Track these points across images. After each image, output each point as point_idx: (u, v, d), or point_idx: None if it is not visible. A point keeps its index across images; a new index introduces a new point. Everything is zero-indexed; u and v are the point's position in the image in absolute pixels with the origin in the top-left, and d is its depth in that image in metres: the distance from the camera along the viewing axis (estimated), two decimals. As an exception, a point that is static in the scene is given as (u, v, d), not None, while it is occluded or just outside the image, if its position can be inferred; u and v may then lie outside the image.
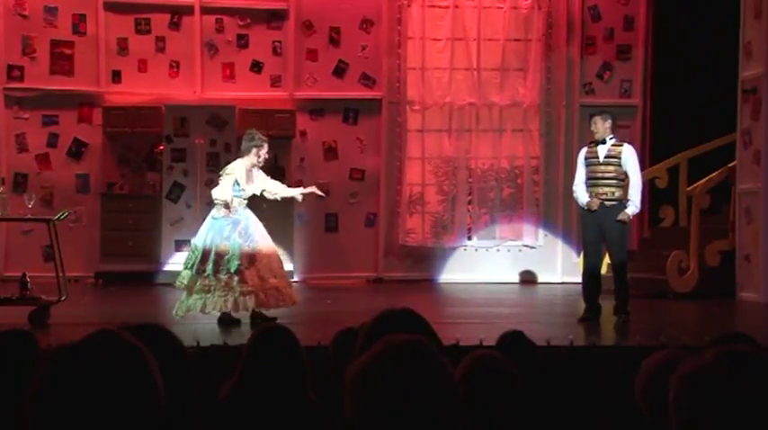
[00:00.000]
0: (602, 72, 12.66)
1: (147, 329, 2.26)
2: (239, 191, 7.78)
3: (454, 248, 12.46)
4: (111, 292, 10.61)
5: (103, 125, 11.82)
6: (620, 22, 12.66)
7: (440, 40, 12.45)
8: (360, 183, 12.38)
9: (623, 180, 8.11)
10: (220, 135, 11.69)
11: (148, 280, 11.28)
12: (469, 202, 12.64)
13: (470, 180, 12.61)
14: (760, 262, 10.02)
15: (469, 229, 12.58)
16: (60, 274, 7.76)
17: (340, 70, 12.36)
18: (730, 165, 10.72)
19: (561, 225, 12.47)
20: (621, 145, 8.18)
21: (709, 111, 11.53)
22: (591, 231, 8.10)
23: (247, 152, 7.87)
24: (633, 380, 2.74)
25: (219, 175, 7.98)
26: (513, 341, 4.00)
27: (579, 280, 11.47)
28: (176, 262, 11.45)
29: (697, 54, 11.99)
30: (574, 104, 12.56)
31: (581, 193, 8.11)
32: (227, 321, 7.58)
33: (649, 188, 12.19)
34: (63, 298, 7.69)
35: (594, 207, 7.97)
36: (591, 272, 8.07)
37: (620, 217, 7.98)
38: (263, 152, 7.84)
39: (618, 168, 8.02)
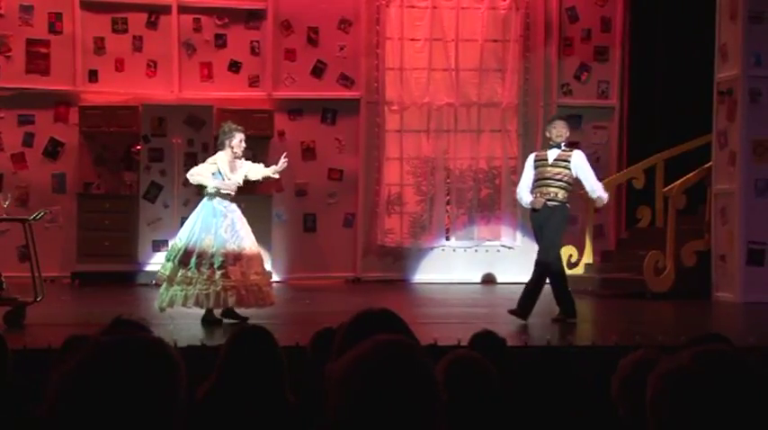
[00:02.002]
0: (580, 73, 12.71)
1: (124, 328, 2.25)
2: (223, 179, 7.76)
3: (432, 249, 12.47)
4: (87, 293, 10.55)
5: (80, 124, 11.75)
6: (597, 24, 12.72)
7: (418, 40, 12.46)
8: (338, 183, 12.38)
9: (570, 184, 8.13)
10: (198, 135, 11.65)
11: (125, 280, 11.23)
12: (448, 203, 12.66)
13: (449, 180, 12.62)
14: (735, 262, 10.10)
15: (447, 230, 12.60)
16: (36, 275, 7.70)
17: (318, 70, 12.34)
18: (706, 166, 10.79)
19: (539, 225, 12.51)
20: (572, 150, 8.24)
21: (685, 112, 11.61)
22: (536, 232, 8.14)
23: (222, 146, 7.89)
24: (609, 380, 2.75)
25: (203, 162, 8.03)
26: (485, 340, 4.01)
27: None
28: (154, 262, 11.41)
29: (673, 55, 12.06)
30: (551, 105, 12.60)
31: (524, 194, 8.15)
32: (210, 321, 7.56)
33: (626, 189, 12.26)
34: (39, 298, 7.64)
35: (538, 205, 7.99)
36: (539, 270, 8.07)
37: (598, 203, 8.21)
38: (236, 141, 7.82)
39: (566, 171, 8.05)
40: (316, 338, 3.71)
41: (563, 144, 8.16)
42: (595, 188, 8.18)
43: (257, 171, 8.05)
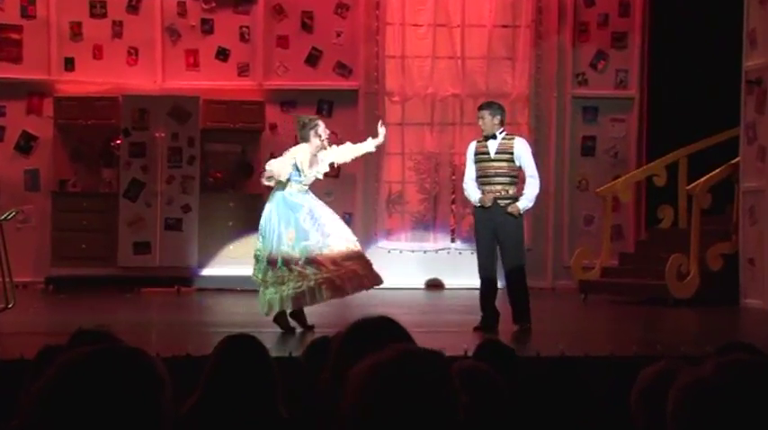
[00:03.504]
0: (596, 61, 12.72)
1: (100, 338, 2.26)
2: (299, 177, 7.83)
3: (436, 251, 12.48)
4: (62, 299, 10.56)
5: (55, 117, 11.75)
6: (615, 8, 12.72)
7: (421, 26, 12.47)
8: (335, 180, 12.36)
9: (517, 176, 8.12)
10: (183, 128, 11.65)
11: (104, 285, 11.23)
12: (453, 202, 12.66)
13: (454, 177, 12.62)
14: (765, 266, 10.09)
15: (453, 231, 12.61)
16: (7, 279, 7.71)
17: (313, 58, 12.35)
18: (733, 161, 10.79)
19: (551, 225, 12.52)
20: (513, 138, 8.19)
21: (710, 103, 11.60)
22: (484, 233, 8.09)
23: (306, 139, 7.94)
24: (628, 393, 2.75)
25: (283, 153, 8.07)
26: (493, 350, 4.02)
27: (572, 283, 11.59)
28: (134, 265, 11.42)
29: (698, 42, 12.05)
30: (565, 96, 12.61)
31: (472, 191, 8.12)
32: (284, 326, 7.62)
33: (646, 187, 12.27)
34: (10, 305, 7.65)
35: (488, 203, 7.98)
36: (485, 277, 8.09)
37: (510, 208, 7.94)
38: (322, 129, 7.93)
39: (510, 164, 8.03)
40: (310, 348, 3.72)
41: (499, 133, 8.09)
42: (527, 187, 8.03)
43: (348, 152, 8.13)
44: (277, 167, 7.81)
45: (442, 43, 12.46)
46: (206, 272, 11.66)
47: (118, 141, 11.68)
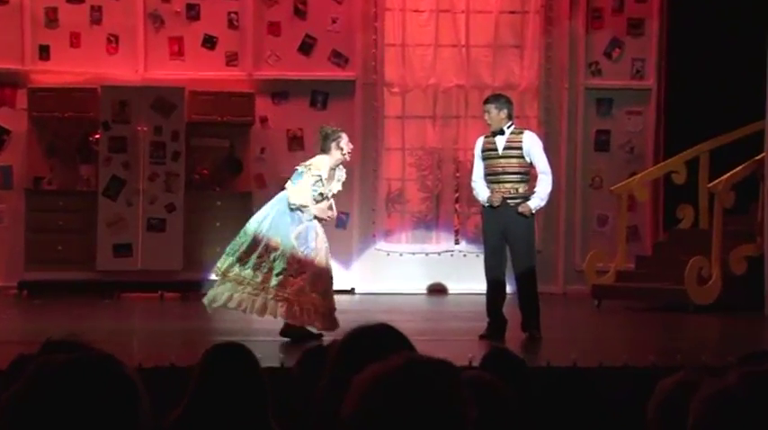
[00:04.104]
0: (611, 49, 12.72)
1: (72, 348, 2.26)
2: (320, 191, 7.89)
3: (439, 254, 12.48)
4: (37, 305, 10.55)
5: (29, 109, 11.74)
6: (631, -8, 12.73)
7: (422, 11, 12.47)
8: (329, 177, 12.40)
9: (528, 173, 8.14)
10: (167, 122, 11.65)
11: (81, 290, 11.23)
12: (457, 200, 12.67)
13: (458, 174, 12.63)
14: (792, 269, 10.11)
15: (457, 232, 12.61)
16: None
17: (307, 47, 12.35)
18: (758, 157, 10.79)
19: (563, 226, 12.52)
20: (522, 132, 8.23)
21: (734, 94, 11.60)
22: (492, 234, 8.12)
23: (327, 150, 7.99)
24: (645, 406, 2.76)
25: (296, 170, 8.06)
26: (500, 360, 4.02)
27: (585, 287, 11.60)
28: (114, 269, 11.42)
29: (720, 29, 12.05)
30: (578, 87, 12.61)
31: (480, 190, 8.16)
32: (296, 335, 7.61)
33: (665, 184, 12.27)
34: (-19, 312, 7.64)
35: (497, 202, 7.99)
36: (492, 280, 8.10)
37: (521, 208, 7.97)
38: (345, 141, 7.98)
39: (520, 160, 8.06)
40: (304, 358, 3.72)
41: (506, 127, 8.12)
42: (539, 185, 8.06)
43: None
44: (299, 197, 7.81)
45: (444, 30, 12.47)
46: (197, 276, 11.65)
47: (97, 136, 11.67)
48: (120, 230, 11.53)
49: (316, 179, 7.90)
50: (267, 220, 7.85)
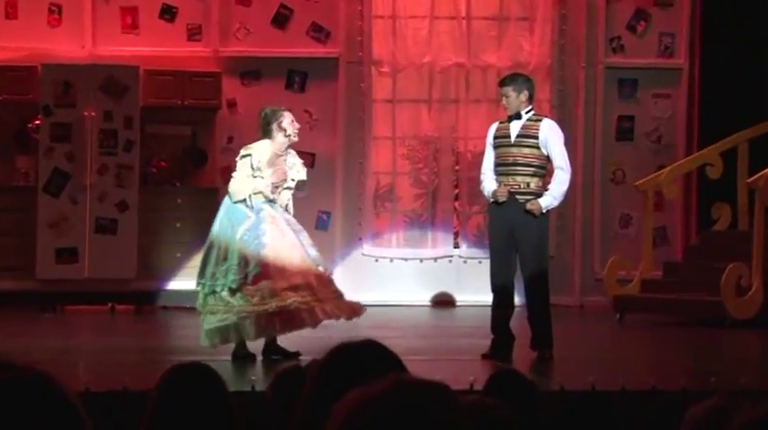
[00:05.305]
0: (635, 22, 12.75)
1: (3, 367, 2.26)
2: (258, 176, 7.94)
3: (436, 260, 12.49)
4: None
5: (-42, 91, 11.74)
6: (658, -44, 12.76)
7: (417, -23, 12.49)
8: (309, 171, 12.32)
9: (544, 167, 8.16)
10: (118, 105, 11.64)
11: (19, 302, 11.21)
12: (456, 198, 12.68)
13: (457, 168, 12.64)
14: None
15: (456, 234, 12.62)
16: None
17: (282, 18, 12.35)
18: (805, 148, 10.83)
19: (579, 228, 12.54)
20: (540, 120, 8.25)
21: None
22: (498, 235, 8.14)
23: (268, 134, 8.04)
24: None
25: (236, 158, 8.17)
26: (507, 383, 4.04)
27: (604, 299, 11.61)
28: (56, 277, 11.40)
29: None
30: (597, 66, 12.63)
31: (487, 182, 8.19)
32: (241, 355, 7.73)
33: (698, 179, 12.30)
34: None
35: (502, 197, 8.01)
36: (498, 289, 8.13)
37: (529, 206, 7.97)
38: (287, 121, 8.03)
39: (535, 151, 8.07)
40: (278, 380, 3.73)
41: (524, 112, 8.15)
42: (553, 181, 8.10)
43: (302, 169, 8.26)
44: (236, 188, 7.93)
45: (442, 0, 12.48)
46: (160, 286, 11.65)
47: (36, 122, 11.65)
48: (64, 233, 11.51)
49: (247, 163, 7.92)
50: (217, 228, 7.95)
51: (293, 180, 8.18)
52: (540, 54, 12.57)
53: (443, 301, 12.32)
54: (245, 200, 7.90)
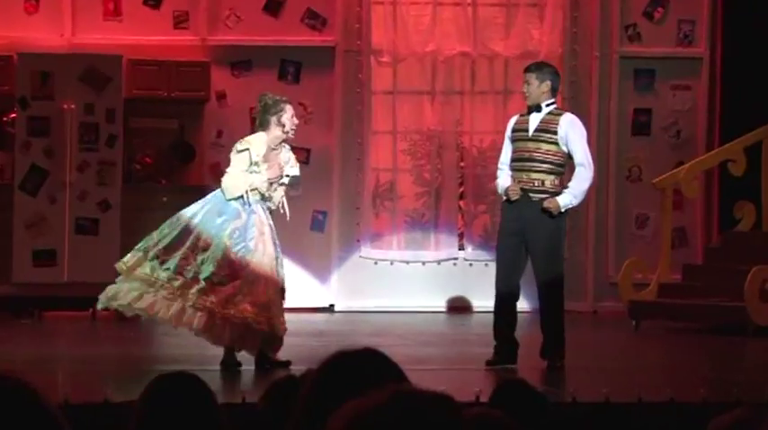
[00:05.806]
0: (652, 8, 12.75)
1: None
2: (254, 172, 7.95)
3: (439, 262, 12.49)
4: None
5: (-72, 83, 11.75)
6: (677, -63, 12.77)
7: (419, -39, 12.50)
8: (303, 168, 12.33)
9: (562, 165, 8.18)
10: (100, 97, 11.64)
11: (-6, 308, 11.22)
12: (461, 196, 12.68)
13: (462, 164, 12.64)
14: None
15: (461, 235, 12.62)
16: None
17: (275, 4, 12.35)
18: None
19: (593, 228, 12.54)
20: (561, 114, 8.28)
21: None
22: (508, 235, 8.15)
23: (265, 125, 8.03)
24: (694, 451, 2.77)
25: (230, 152, 8.17)
26: (515, 394, 4.04)
27: (620, 304, 11.61)
28: (34, 281, 11.40)
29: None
30: (611, 56, 12.63)
31: (502, 179, 8.22)
32: (229, 364, 7.73)
33: (720, 176, 12.30)
34: None
35: (514, 195, 8.02)
36: (503, 293, 8.12)
37: (546, 203, 7.98)
38: (288, 116, 8.04)
39: (553, 147, 8.09)
40: (271, 391, 3.73)
41: (545, 105, 8.17)
42: (574, 179, 8.12)
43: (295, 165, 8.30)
44: (231, 185, 7.92)
45: (446, -15, 12.50)
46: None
47: (12, 115, 11.66)
48: (42, 233, 11.51)
49: (245, 159, 7.93)
50: (200, 214, 7.93)
51: (287, 176, 8.18)
52: (550, 42, 12.57)
53: (459, 307, 12.28)
54: (241, 196, 7.89)
